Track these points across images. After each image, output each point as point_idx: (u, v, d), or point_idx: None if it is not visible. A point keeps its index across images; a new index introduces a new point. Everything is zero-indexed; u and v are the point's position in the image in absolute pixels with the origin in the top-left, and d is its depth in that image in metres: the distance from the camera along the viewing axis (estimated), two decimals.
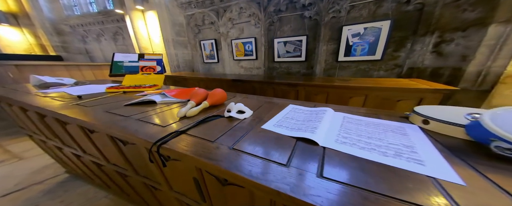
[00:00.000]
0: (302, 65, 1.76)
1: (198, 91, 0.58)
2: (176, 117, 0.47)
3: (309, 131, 0.35)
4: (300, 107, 0.53)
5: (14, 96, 0.73)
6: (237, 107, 0.48)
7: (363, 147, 0.30)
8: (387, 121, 0.42)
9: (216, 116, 0.46)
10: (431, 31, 1.16)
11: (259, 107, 0.56)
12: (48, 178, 1.25)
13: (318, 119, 0.40)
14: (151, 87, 0.90)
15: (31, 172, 1.30)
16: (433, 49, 1.22)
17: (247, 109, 0.48)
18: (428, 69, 1.27)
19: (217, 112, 0.52)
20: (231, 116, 0.45)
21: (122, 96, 0.75)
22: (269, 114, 0.48)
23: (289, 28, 1.67)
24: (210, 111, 0.52)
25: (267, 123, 0.41)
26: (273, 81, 1.33)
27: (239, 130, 0.38)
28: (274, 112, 0.50)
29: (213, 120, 0.44)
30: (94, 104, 0.61)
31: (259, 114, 0.49)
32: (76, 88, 0.89)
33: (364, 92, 1.06)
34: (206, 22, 2.36)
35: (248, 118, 0.46)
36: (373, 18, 1.32)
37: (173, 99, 0.64)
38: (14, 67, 1.83)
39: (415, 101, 0.97)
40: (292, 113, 0.47)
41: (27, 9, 3.47)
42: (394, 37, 1.31)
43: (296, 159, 0.28)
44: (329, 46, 1.54)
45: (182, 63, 2.71)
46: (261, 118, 0.46)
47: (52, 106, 0.59)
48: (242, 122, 0.44)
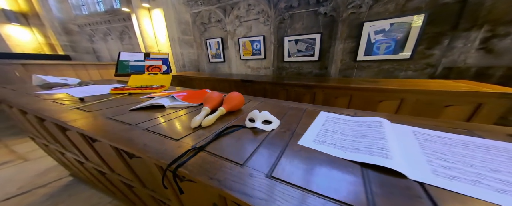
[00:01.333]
0: (315, 65, 1.66)
1: (212, 95, 0.50)
2: (189, 127, 0.39)
3: (380, 154, 0.26)
4: (337, 115, 0.44)
5: (12, 98, 0.67)
6: (262, 116, 0.39)
7: (502, 189, 0.19)
8: (491, 140, 0.30)
9: (237, 127, 0.38)
10: (478, 25, 1.00)
11: (284, 114, 0.48)
12: (52, 181, 1.21)
13: (377, 135, 0.31)
14: (158, 89, 0.83)
15: (35, 174, 1.27)
16: (480, 46, 1.05)
17: (274, 118, 0.40)
18: (472, 69, 1.11)
19: (235, 120, 0.44)
20: (256, 127, 0.37)
21: (127, 99, 0.68)
22: (300, 124, 0.40)
23: (301, 26, 1.57)
24: (226, 119, 0.44)
25: (304, 137, 0.33)
26: (287, 82, 1.23)
27: (271, 147, 0.30)
28: (305, 121, 0.42)
29: (234, 131, 0.36)
30: (96, 108, 0.54)
31: (287, 123, 0.41)
32: (79, 89, 0.84)
33: (399, 96, 0.92)
34: (212, 20, 2.30)
35: (275, 129, 0.38)
36: (402, 12, 1.18)
37: (184, 104, 0.57)
38: (21, 66, 1.82)
39: (470, 108, 0.81)
40: (331, 124, 0.39)
41: (37, 9, 3.51)
42: (427, 33, 1.16)
43: (382, 200, 0.19)
44: (346, 45, 1.42)
45: (187, 62, 2.66)
46: (291, 129, 0.38)
47: (50, 109, 0.53)
48: (270, 134, 0.35)
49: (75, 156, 0.71)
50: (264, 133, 0.36)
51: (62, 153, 0.82)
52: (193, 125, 0.38)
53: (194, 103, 0.58)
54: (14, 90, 0.83)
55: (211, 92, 0.52)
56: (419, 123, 0.40)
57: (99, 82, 1.17)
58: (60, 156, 0.91)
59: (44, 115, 0.49)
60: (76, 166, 0.87)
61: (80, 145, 0.59)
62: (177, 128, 0.39)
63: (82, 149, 0.61)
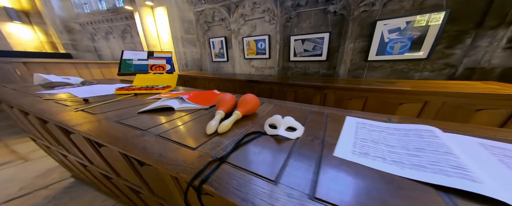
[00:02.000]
0: (322, 65, 1.61)
1: (225, 97, 0.47)
2: (203, 132, 0.36)
3: (460, 175, 0.21)
4: (368, 121, 0.40)
5: (13, 98, 0.64)
6: (286, 122, 0.36)
7: None
8: None
9: (256, 134, 0.35)
10: (507, 23, 0.94)
11: (304, 118, 0.44)
12: (53, 182, 1.19)
13: (439, 148, 0.26)
14: (164, 89, 0.79)
15: (36, 175, 1.24)
16: (508, 45, 0.97)
17: (299, 125, 0.37)
18: (497, 69, 1.03)
19: (252, 125, 0.40)
20: (279, 134, 0.33)
21: (133, 100, 0.65)
22: (328, 132, 0.36)
23: (308, 25, 1.53)
24: (242, 124, 0.41)
25: (339, 147, 0.30)
26: (295, 83, 1.19)
27: (303, 159, 0.27)
28: (332, 127, 0.38)
29: (254, 139, 0.33)
30: (102, 110, 0.51)
31: (312, 130, 0.37)
32: (82, 89, 0.80)
33: (422, 98, 0.86)
34: (216, 19, 2.26)
35: (300, 137, 0.34)
36: (420, 10, 1.12)
37: (194, 106, 0.53)
38: (22, 64, 1.79)
39: (508, 111, 0.74)
40: (364, 131, 0.35)
41: (39, 7, 3.48)
42: (447, 31, 1.09)
43: None
44: (357, 44, 1.37)
45: (190, 61, 2.63)
46: (319, 137, 0.34)
47: (53, 111, 0.50)
48: (296, 143, 0.32)
49: (78, 159, 0.68)
50: (288, 141, 0.33)
51: (65, 155, 0.79)
52: (209, 131, 0.35)
53: (204, 105, 0.54)
54: (15, 89, 0.79)
55: (223, 94, 0.49)
56: (481, 134, 0.33)
57: (103, 81, 1.14)
58: (62, 158, 0.88)
59: (47, 117, 0.46)
60: (79, 168, 0.84)
61: (84, 148, 0.56)
62: (191, 134, 0.36)
63: (86, 153, 0.58)
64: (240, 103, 0.45)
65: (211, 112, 0.50)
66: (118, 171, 0.54)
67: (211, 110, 0.52)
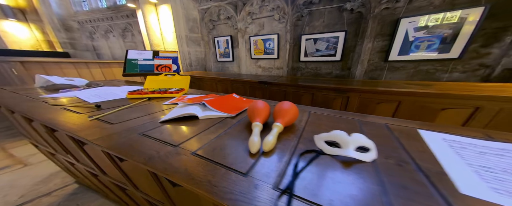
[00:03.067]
0: (336, 65, 1.55)
1: (258, 105, 0.41)
2: (245, 149, 0.31)
3: None
4: (461, 138, 0.32)
5: (16, 103, 0.58)
6: (356, 140, 0.29)
7: None
8: None
9: (314, 153, 0.29)
10: None
11: (360, 132, 0.39)
12: (56, 188, 1.12)
13: None
14: (178, 92, 0.74)
15: (37, 181, 1.18)
16: None
17: (372, 144, 0.30)
18: None
19: (296, 139, 0.35)
20: (348, 155, 0.27)
21: (149, 106, 0.59)
22: (412, 153, 0.29)
23: (321, 23, 1.47)
24: (283, 137, 0.35)
25: (459, 180, 0.23)
26: (313, 85, 1.11)
27: (412, 195, 0.21)
28: (411, 146, 0.31)
29: (312, 160, 0.28)
30: (120, 118, 0.46)
31: (384, 149, 0.31)
32: (90, 92, 0.74)
33: (472, 103, 0.74)
34: (221, 17, 2.19)
35: (377, 159, 0.28)
36: (452, 6, 1.03)
37: (219, 114, 0.48)
38: (19, 63, 1.71)
39: None
40: (472, 154, 0.28)
41: (36, 5, 3.37)
42: (485, 28, 1.00)
43: None
44: (376, 43, 1.30)
45: (194, 61, 2.56)
46: (405, 160, 0.27)
47: (65, 120, 0.44)
48: (376, 168, 0.26)
49: (89, 169, 0.62)
50: (360, 164, 0.27)
51: (72, 164, 0.73)
52: (254, 149, 0.29)
53: (230, 112, 0.49)
54: (15, 93, 0.73)
55: (255, 102, 0.43)
56: None
57: (108, 83, 1.08)
58: (68, 165, 0.82)
59: (62, 128, 0.41)
60: (87, 176, 0.78)
61: (99, 160, 0.51)
62: (232, 152, 0.30)
63: (101, 164, 0.53)
64: (277, 112, 0.40)
65: (240, 121, 0.45)
66: (138, 184, 0.48)
67: (240, 118, 0.47)
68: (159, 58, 1.53)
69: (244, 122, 0.43)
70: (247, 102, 0.61)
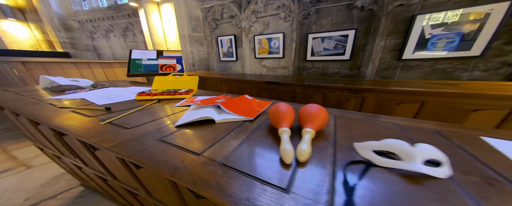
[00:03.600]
0: (344, 65, 1.51)
1: (282, 108, 0.38)
2: (273, 158, 0.28)
3: None
4: None
5: (21, 106, 0.55)
6: (423, 152, 0.24)
7: None
8: None
9: (362, 165, 0.26)
10: None
11: (407, 139, 0.34)
12: (61, 191, 1.10)
13: None
14: (188, 93, 0.71)
15: (41, 183, 1.16)
16: None
17: (443, 156, 0.25)
18: None
19: (330, 146, 0.32)
20: (410, 169, 0.23)
21: (159, 107, 0.57)
22: (494, 166, 0.26)
23: (329, 22, 1.44)
24: (315, 145, 0.32)
25: None
26: (325, 85, 1.07)
27: None
28: (487, 158, 0.27)
29: (364, 172, 0.25)
30: (133, 122, 0.43)
31: (453, 162, 0.26)
32: (97, 94, 0.72)
33: (507, 104, 0.68)
34: (225, 16, 2.16)
35: (452, 176, 0.23)
36: (474, 1, 0.97)
37: (236, 117, 0.45)
38: (21, 64, 1.68)
39: None
40: None
41: (35, 4, 3.32)
42: (509, 25, 0.94)
43: None
44: (388, 42, 1.26)
45: (197, 61, 2.53)
46: (491, 177, 0.23)
47: (76, 125, 0.41)
48: (457, 186, 0.22)
49: (98, 173, 0.60)
50: (430, 180, 0.23)
51: (79, 167, 0.71)
52: (288, 159, 0.26)
53: (248, 116, 0.46)
54: (19, 94, 0.70)
55: (277, 105, 0.41)
56: None
57: (114, 84, 1.05)
58: (75, 169, 0.79)
59: (71, 132, 0.38)
60: (94, 180, 0.76)
61: (110, 164, 0.48)
62: (263, 162, 0.28)
63: (111, 168, 0.50)
64: (305, 116, 0.36)
65: (261, 125, 0.42)
66: (151, 191, 0.46)
67: (259, 122, 0.44)
68: (163, 58, 1.50)
69: (265, 127, 0.41)
70: (262, 104, 0.59)
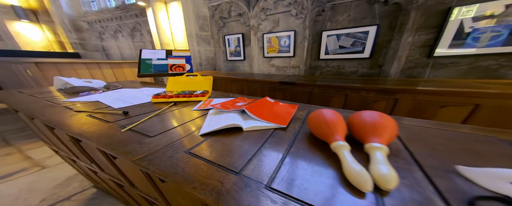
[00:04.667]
0: (363, 63, 1.41)
1: (328, 115, 0.33)
2: (337, 180, 0.23)
3: None
4: None
5: (37, 109, 0.53)
6: None
7: None
8: None
9: (501, 203, 0.18)
10: None
11: None
12: (75, 192, 1.10)
13: None
14: (204, 95, 0.68)
15: (55, 184, 1.16)
16: None
17: None
18: None
19: (407, 166, 0.27)
20: None
21: (177, 111, 0.53)
22: None
23: (346, 18, 1.36)
24: None
25: None
26: (348, 85, 0.97)
27: None
28: None
29: None
30: (154, 129, 0.39)
31: None
32: (111, 96, 0.69)
33: None
34: (232, 14, 2.11)
35: None
36: None
37: (267, 124, 0.40)
38: (34, 64, 1.70)
39: None
40: None
41: (47, 5, 3.40)
42: None
43: None
44: (417, 38, 1.14)
45: (204, 61, 2.50)
46: None
47: (96, 132, 0.38)
48: None
49: (115, 179, 0.57)
50: None
51: (95, 172, 0.69)
52: (366, 186, 0.20)
53: (279, 123, 0.41)
54: (34, 96, 0.69)
55: (320, 111, 0.35)
56: None
57: (126, 85, 1.03)
58: (90, 173, 0.78)
59: (93, 141, 0.35)
60: (109, 185, 0.74)
61: (130, 173, 0.45)
62: (322, 187, 0.22)
63: (130, 177, 0.47)
64: (364, 126, 0.29)
65: (297, 135, 0.37)
66: (173, 203, 0.43)
67: (292, 130, 0.39)
68: (173, 57, 1.48)
69: (303, 137, 0.36)
70: (288, 108, 0.54)
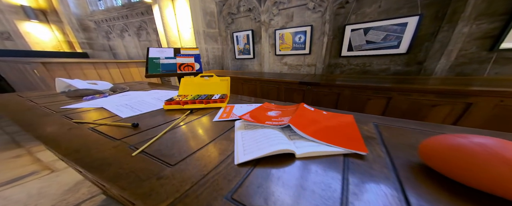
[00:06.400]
0: (397, 59, 1.23)
1: (498, 147, 0.20)
2: None
3: None
4: None
5: (31, 120, 0.45)
6: None
7: None
8: None
9: None
10: None
11: None
12: (85, 199, 1.05)
13: None
14: (223, 101, 0.57)
15: (64, 190, 1.12)
16: None
17: None
18: None
19: None
20: None
21: (196, 122, 0.43)
22: None
23: (375, 9, 1.19)
24: None
25: None
26: (394, 86, 0.78)
27: None
28: None
29: None
30: (172, 151, 0.30)
31: None
32: (118, 101, 0.60)
33: None
34: (242, 10, 1.99)
35: None
36: None
37: (329, 149, 0.28)
38: (41, 64, 1.67)
39: None
40: None
41: (55, 5, 3.41)
42: None
43: None
44: (475, 27, 0.96)
45: (211, 59, 2.41)
46: None
47: (97, 154, 0.29)
48: None
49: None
50: None
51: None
52: None
53: (348, 146, 0.29)
54: (32, 101, 0.61)
55: (468, 137, 0.21)
56: None
57: (134, 86, 0.95)
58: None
59: (93, 172, 0.25)
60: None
61: None
62: None
63: None
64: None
65: (397, 170, 0.26)
66: None
67: (381, 161, 0.28)
68: (181, 56, 1.39)
69: (411, 173, 0.24)
70: (341, 119, 0.41)
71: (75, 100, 0.61)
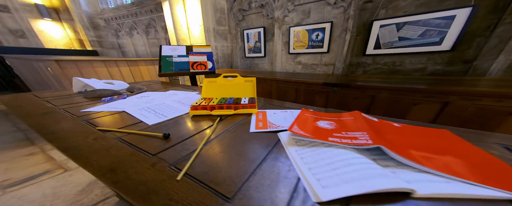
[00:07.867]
0: (437, 58, 1.09)
1: None
2: None
3: None
4: None
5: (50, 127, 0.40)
6: None
7: None
8: None
9: None
10: None
11: None
12: (98, 201, 1.03)
13: None
14: (254, 106, 0.51)
15: (78, 190, 1.10)
16: None
17: None
18: None
19: None
20: None
21: (233, 135, 0.37)
22: None
23: (412, 2, 1.06)
24: None
25: None
26: (457, 89, 0.66)
27: None
28: None
29: None
30: (221, 174, 0.24)
31: None
32: (138, 104, 0.55)
33: None
34: (253, 6, 1.91)
35: None
36: None
37: (484, 192, 0.19)
38: (55, 62, 1.67)
39: None
40: None
41: (67, 3, 3.45)
42: None
43: None
44: None
45: (221, 58, 2.36)
46: None
47: (132, 173, 0.23)
48: None
49: None
50: None
51: None
52: None
53: (497, 185, 0.20)
54: (50, 103, 0.57)
55: None
56: None
57: (149, 86, 0.90)
58: None
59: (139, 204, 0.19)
60: None
61: None
62: None
63: None
64: None
65: None
66: None
67: None
68: (193, 54, 1.34)
69: None
70: (445, 136, 0.31)
71: (93, 102, 0.57)
